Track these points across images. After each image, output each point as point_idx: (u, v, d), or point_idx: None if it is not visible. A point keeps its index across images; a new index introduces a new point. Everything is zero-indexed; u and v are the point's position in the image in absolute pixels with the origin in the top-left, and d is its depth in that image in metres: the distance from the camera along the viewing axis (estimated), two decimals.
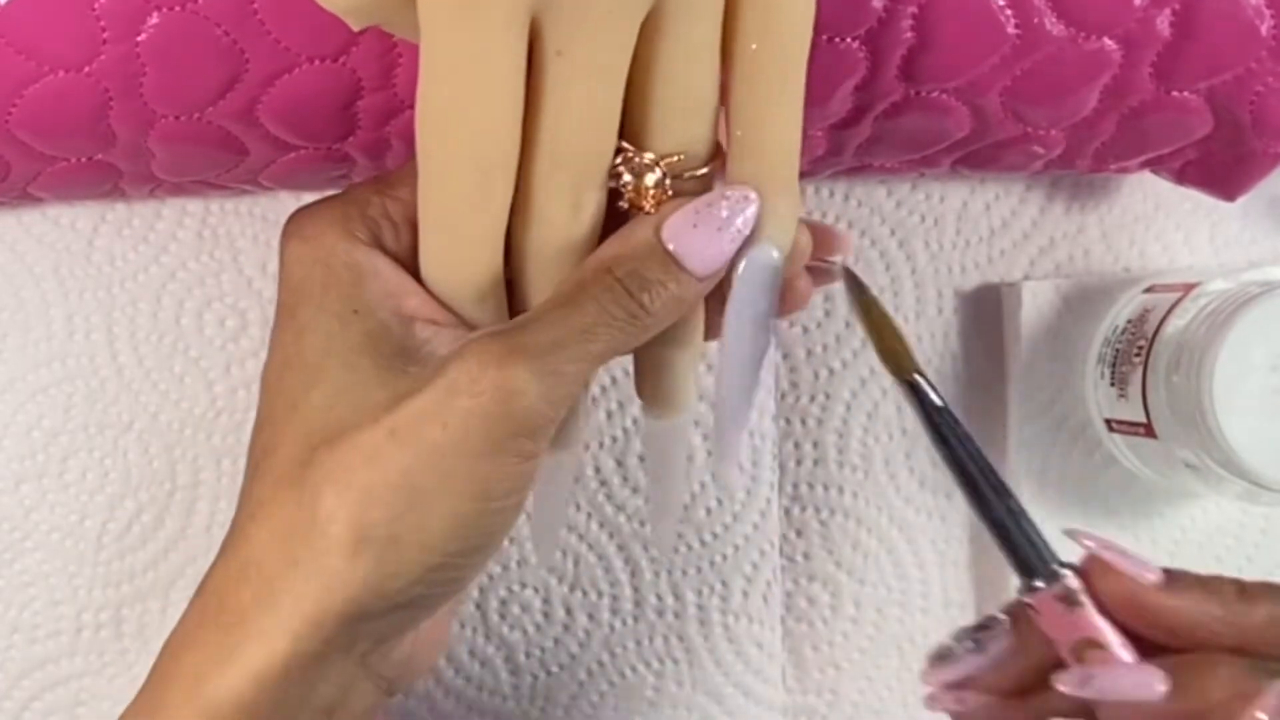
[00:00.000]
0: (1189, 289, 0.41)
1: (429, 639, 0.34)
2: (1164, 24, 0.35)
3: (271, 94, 0.34)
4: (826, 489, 0.46)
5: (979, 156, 0.39)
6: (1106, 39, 0.35)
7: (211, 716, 0.29)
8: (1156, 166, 0.41)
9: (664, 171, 0.31)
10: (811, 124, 0.32)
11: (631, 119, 0.31)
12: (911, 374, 0.32)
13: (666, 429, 0.36)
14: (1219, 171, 0.39)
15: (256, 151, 0.36)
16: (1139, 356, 0.41)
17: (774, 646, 0.46)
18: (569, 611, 0.46)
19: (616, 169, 0.31)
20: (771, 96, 0.30)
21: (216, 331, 0.44)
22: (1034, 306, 0.44)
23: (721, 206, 0.31)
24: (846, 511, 0.46)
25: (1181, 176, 0.41)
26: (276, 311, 0.32)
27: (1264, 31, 0.35)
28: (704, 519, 0.46)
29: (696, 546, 0.46)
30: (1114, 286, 0.45)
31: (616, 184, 0.31)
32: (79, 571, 0.44)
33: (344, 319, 0.31)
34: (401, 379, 0.30)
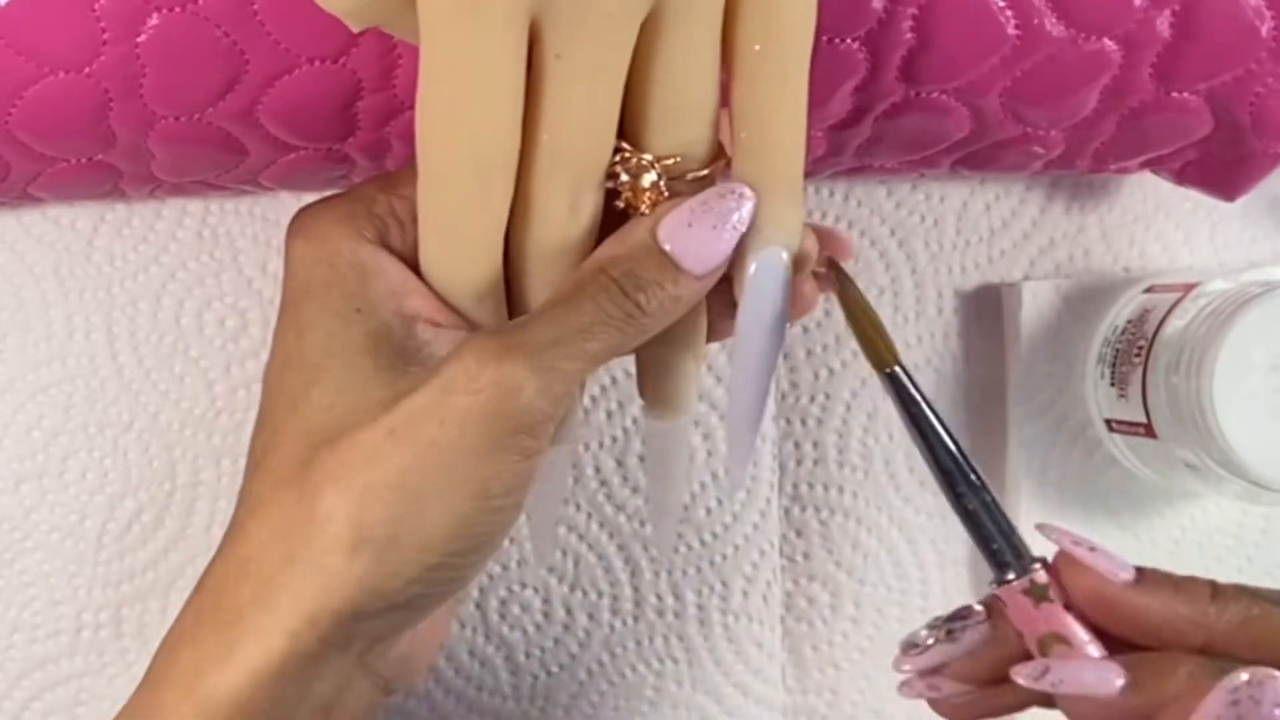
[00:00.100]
0: (1189, 289, 0.41)
1: (428, 638, 0.34)
2: (1164, 25, 0.35)
3: (271, 95, 0.34)
4: (826, 489, 0.46)
5: (979, 157, 0.39)
6: (1106, 40, 0.35)
7: (209, 714, 0.29)
8: (1156, 167, 0.41)
9: (660, 173, 0.31)
10: (812, 125, 0.32)
11: (631, 120, 0.31)
12: (891, 366, 0.32)
13: (667, 429, 0.35)
14: (1219, 172, 0.39)
15: (256, 152, 0.36)
16: (1139, 356, 0.41)
17: (774, 646, 0.46)
18: (569, 611, 0.46)
19: (614, 169, 0.31)
20: (774, 97, 0.30)
21: (216, 331, 0.44)
22: (1034, 306, 0.44)
23: (717, 205, 0.31)
24: (846, 511, 0.46)
25: (1181, 177, 0.41)
26: (280, 309, 0.32)
27: (1264, 32, 0.35)
28: (704, 519, 0.46)
29: (696, 546, 0.46)
30: (1114, 286, 0.45)
31: (614, 184, 0.31)
32: (79, 571, 0.44)
33: (346, 318, 0.31)
34: (402, 379, 0.30)
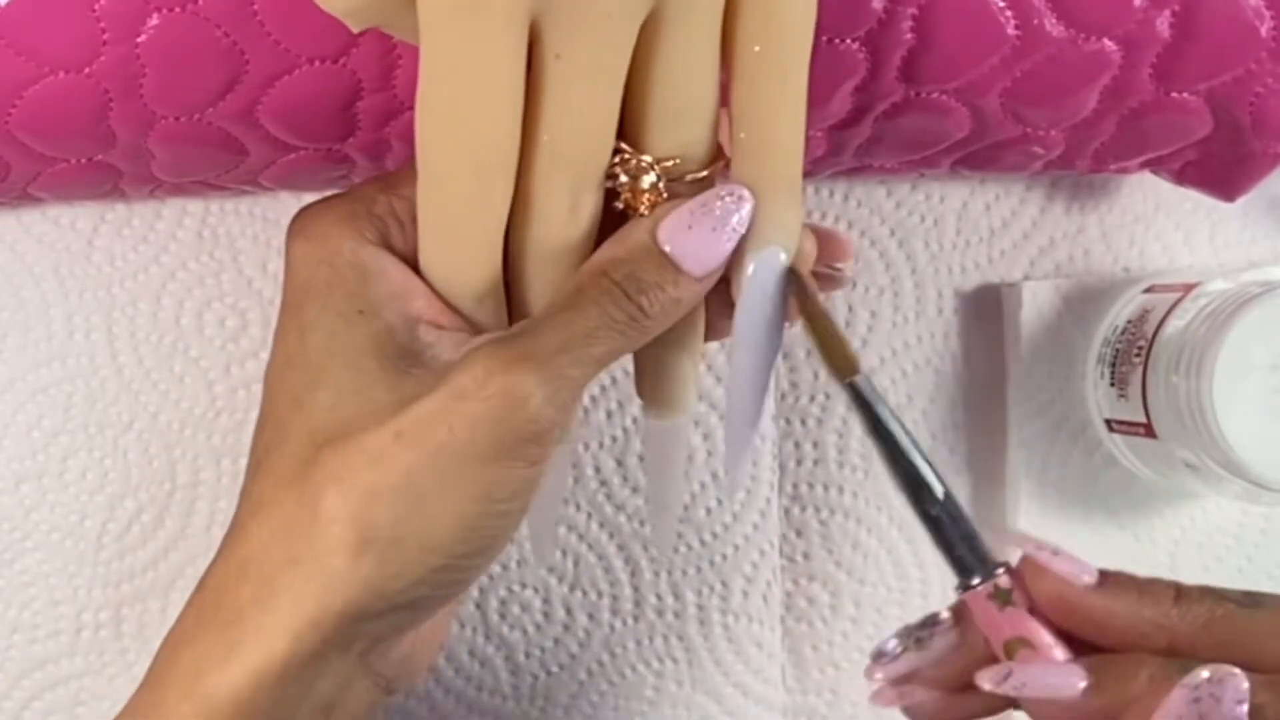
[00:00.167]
0: (1189, 289, 0.41)
1: (429, 639, 0.34)
2: (1164, 25, 0.35)
3: (271, 95, 0.34)
4: (826, 489, 0.46)
5: (979, 157, 0.39)
6: (1106, 40, 0.35)
7: (210, 714, 0.29)
8: (1156, 167, 0.41)
9: (659, 174, 0.31)
10: (811, 125, 0.32)
11: (630, 121, 0.31)
12: (850, 376, 0.32)
13: (666, 429, 0.35)
14: (1219, 172, 0.39)
15: (256, 152, 0.36)
16: (1139, 356, 0.41)
17: (774, 646, 0.46)
18: (569, 611, 0.46)
19: (613, 170, 0.31)
20: (774, 98, 0.30)
21: (216, 331, 0.44)
22: (1034, 306, 0.44)
23: (716, 206, 0.31)
24: (846, 511, 0.46)
25: (1181, 177, 0.41)
26: (281, 309, 0.32)
27: (1264, 32, 0.35)
28: (704, 519, 0.46)
29: (696, 546, 0.46)
30: (1114, 286, 0.45)
31: (613, 184, 0.31)
32: (79, 571, 0.44)
33: (349, 319, 0.31)
34: (406, 381, 0.30)
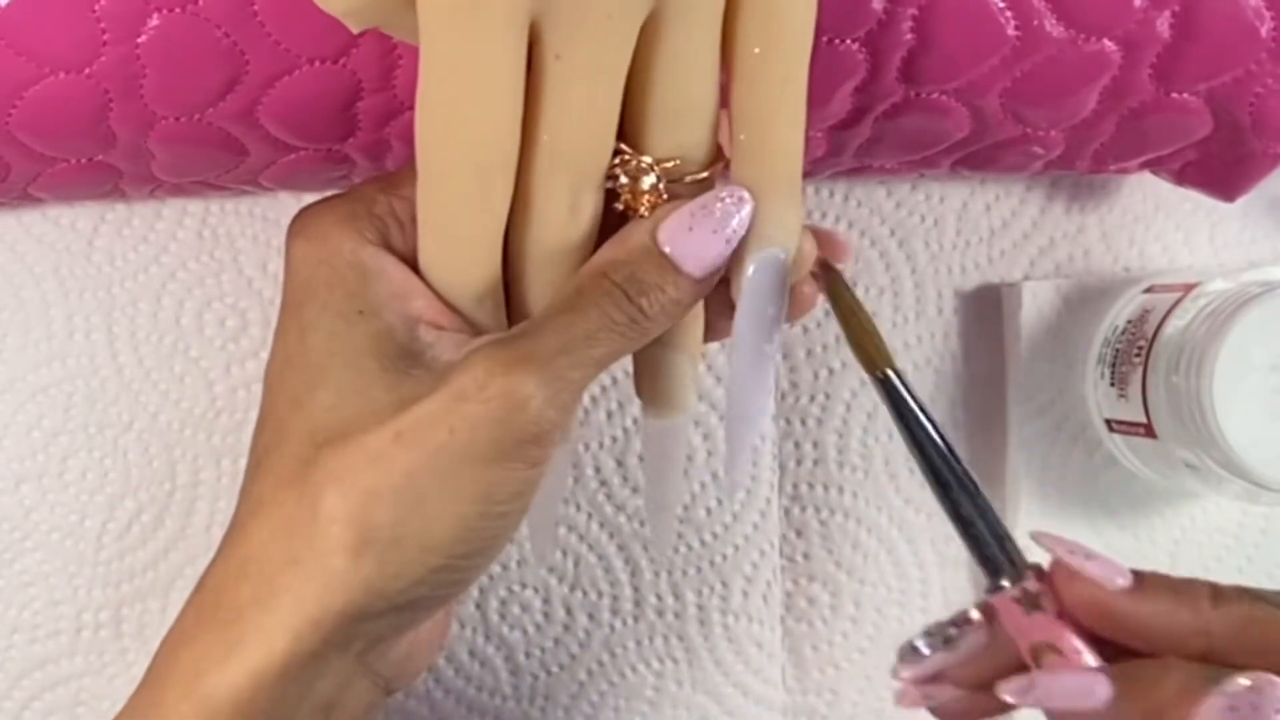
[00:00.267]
0: (1189, 289, 0.41)
1: (428, 639, 0.34)
2: (1164, 25, 0.35)
3: (272, 95, 0.34)
4: (826, 489, 0.46)
5: (979, 157, 0.39)
6: (1106, 40, 0.35)
7: (210, 713, 0.29)
8: (1156, 167, 0.41)
9: (659, 175, 0.31)
10: (812, 125, 0.32)
11: (630, 122, 0.31)
12: (884, 368, 0.32)
13: (666, 429, 0.36)
14: (1218, 172, 0.39)
15: (257, 153, 0.36)
16: (1139, 356, 0.41)
17: (774, 646, 0.46)
18: (569, 611, 0.46)
19: (614, 170, 0.31)
20: (774, 99, 0.30)
21: (216, 331, 0.44)
22: (1034, 306, 0.44)
23: (716, 208, 0.31)
24: (846, 511, 0.46)
25: (1181, 177, 0.41)
26: (281, 309, 0.32)
27: (1264, 33, 0.35)
28: (704, 519, 0.46)
29: (696, 546, 0.46)
30: (1114, 286, 0.45)
31: (613, 185, 0.31)
32: (79, 571, 0.44)
33: (349, 319, 0.31)
34: (406, 382, 0.30)
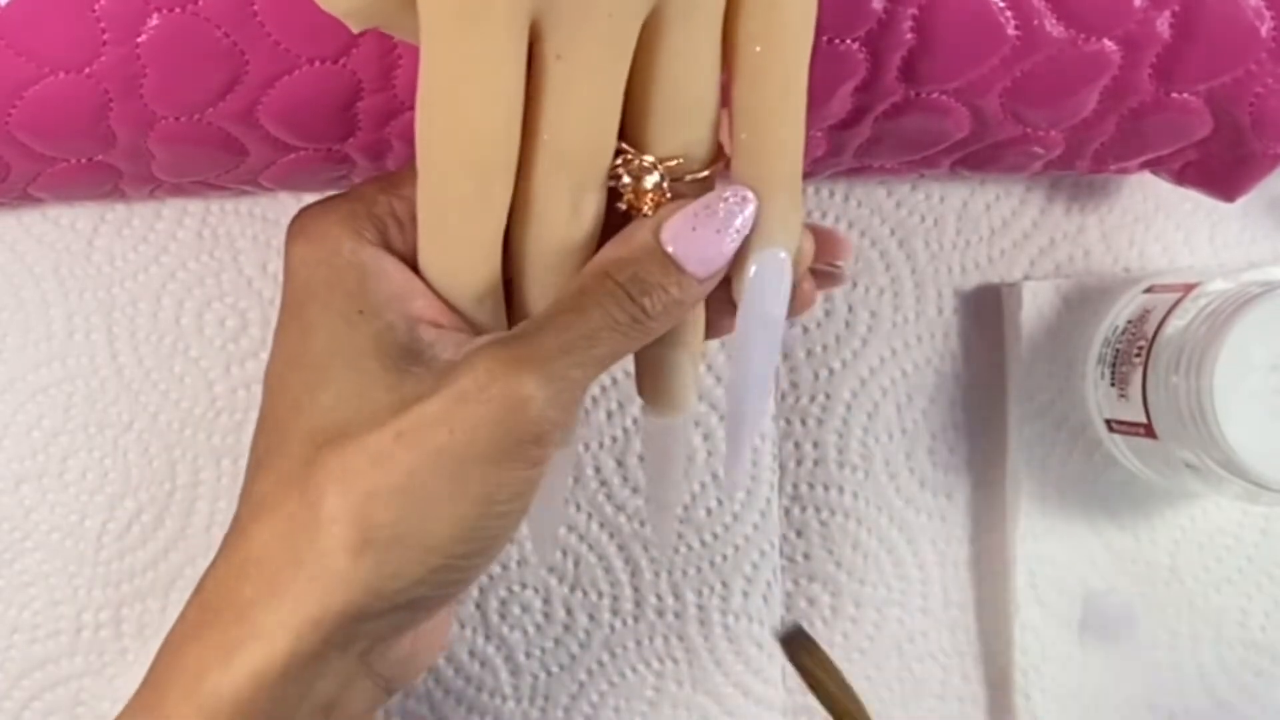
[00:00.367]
0: (1189, 289, 0.41)
1: (429, 639, 0.34)
2: (1164, 25, 0.35)
3: (271, 95, 0.34)
4: (826, 489, 0.46)
5: (979, 157, 0.39)
6: (1106, 40, 0.35)
7: (211, 714, 0.29)
8: (1156, 167, 0.41)
9: (662, 174, 0.31)
10: (812, 125, 0.32)
11: (632, 121, 0.31)
12: None
13: (667, 427, 0.36)
14: (1218, 172, 0.39)
15: (256, 153, 0.36)
16: (1139, 357, 0.41)
17: (774, 646, 0.46)
18: (569, 611, 0.46)
19: (616, 170, 0.31)
20: (775, 99, 0.30)
21: (216, 331, 0.44)
22: (1034, 306, 0.44)
23: (720, 208, 0.31)
24: (846, 511, 0.46)
25: (1181, 177, 0.41)
26: (281, 309, 0.32)
27: (1264, 33, 0.35)
28: (704, 519, 0.46)
29: (696, 546, 0.46)
30: (1114, 286, 0.45)
31: (616, 185, 0.31)
32: (79, 571, 0.44)
33: (350, 319, 0.31)
34: (407, 381, 0.30)
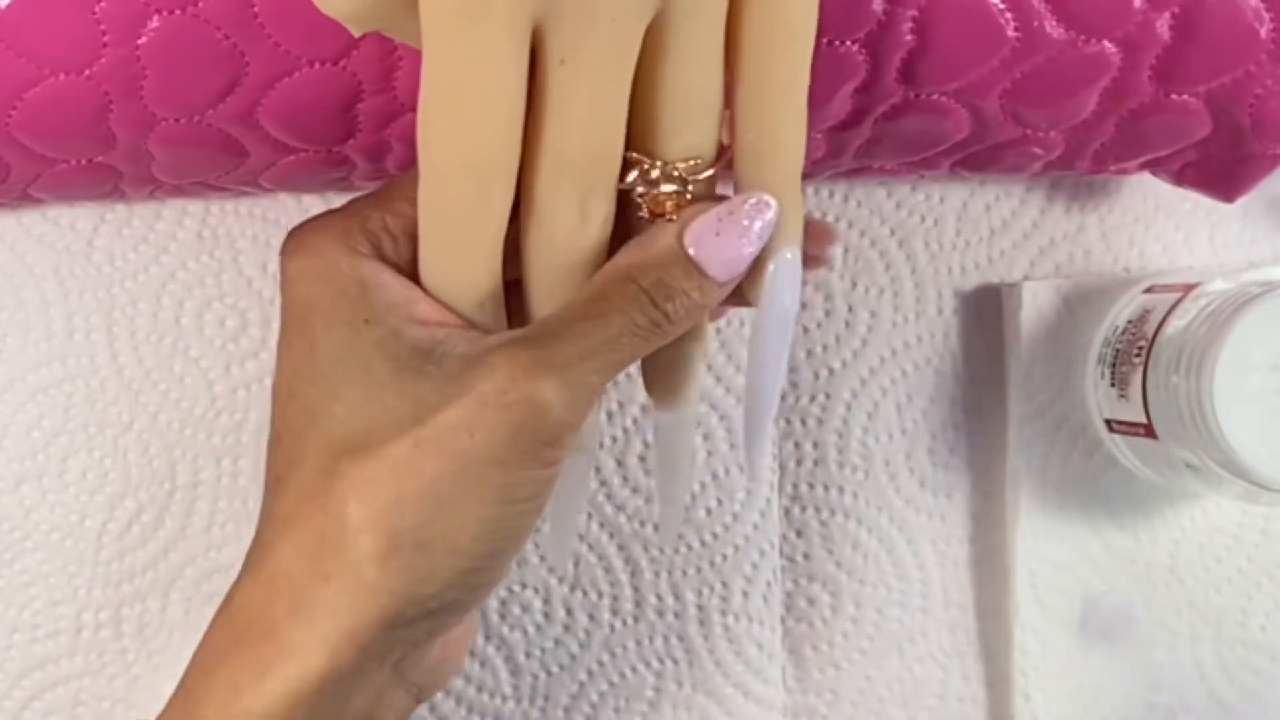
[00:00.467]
0: (1189, 289, 0.41)
1: (456, 644, 0.34)
2: (1163, 27, 0.35)
3: (272, 97, 0.34)
4: (826, 489, 0.46)
5: (978, 158, 0.39)
6: (1106, 42, 0.35)
7: None
8: (1155, 168, 0.41)
9: (682, 178, 0.31)
10: (812, 126, 0.32)
11: (637, 125, 0.31)
12: None
13: (676, 422, 0.36)
14: (1218, 173, 0.39)
15: (257, 154, 0.36)
16: (1139, 357, 0.41)
17: (774, 646, 0.46)
18: (569, 611, 0.46)
19: (632, 180, 0.31)
20: (779, 101, 0.30)
21: (216, 331, 0.44)
22: (1034, 306, 0.44)
23: (743, 213, 0.31)
24: (846, 511, 0.46)
25: (1180, 178, 0.41)
26: (282, 326, 0.32)
27: (1263, 34, 0.35)
28: (704, 519, 0.46)
29: (696, 546, 0.46)
30: (1114, 287, 0.45)
31: (633, 194, 0.31)
32: (79, 571, 0.44)
33: (355, 328, 0.31)
34: (421, 383, 0.30)
